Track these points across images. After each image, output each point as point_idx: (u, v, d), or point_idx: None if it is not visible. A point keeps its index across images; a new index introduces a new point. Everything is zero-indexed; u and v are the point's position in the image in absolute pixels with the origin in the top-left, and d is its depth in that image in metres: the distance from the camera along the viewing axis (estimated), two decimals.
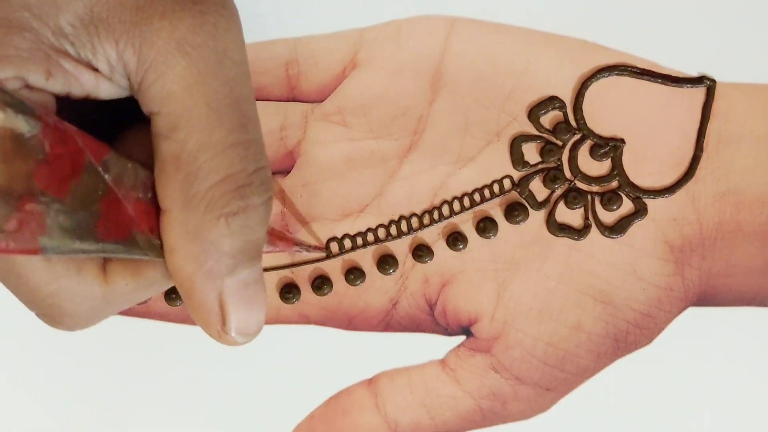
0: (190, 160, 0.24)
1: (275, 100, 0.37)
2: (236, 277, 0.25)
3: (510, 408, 0.35)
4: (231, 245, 0.24)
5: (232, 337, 0.25)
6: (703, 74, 0.35)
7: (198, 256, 0.24)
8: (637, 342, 0.35)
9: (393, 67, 0.35)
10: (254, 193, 0.24)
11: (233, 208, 0.24)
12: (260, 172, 0.25)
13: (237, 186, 0.24)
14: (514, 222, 0.35)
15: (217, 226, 0.24)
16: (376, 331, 0.36)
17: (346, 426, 0.35)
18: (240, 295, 0.25)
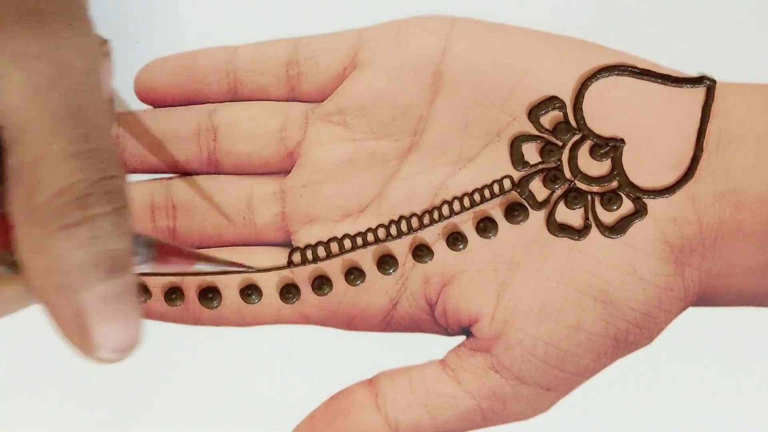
0: (29, 173, 0.23)
1: (275, 100, 0.37)
2: (92, 291, 0.23)
3: (510, 408, 0.35)
4: (79, 258, 0.23)
5: (100, 354, 0.24)
6: (703, 74, 0.35)
7: (46, 270, 0.23)
8: (637, 342, 0.35)
9: (393, 68, 0.35)
10: (97, 203, 0.23)
11: (73, 219, 0.23)
12: (104, 181, 0.24)
13: (76, 196, 0.23)
14: (514, 222, 0.35)
15: (58, 238, 0.23)
16: (376, 331, 0.36)
17: (346, 426, 0.35)
18: (100, 311, 0.24)
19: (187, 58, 0.37)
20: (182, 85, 0.37)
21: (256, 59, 0.37)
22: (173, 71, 0.37)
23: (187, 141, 0.37)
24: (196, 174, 0.37)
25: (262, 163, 0.37)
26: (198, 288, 0.36)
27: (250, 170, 0.37)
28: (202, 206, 0.36)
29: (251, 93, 0.37)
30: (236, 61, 0.37)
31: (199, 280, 0.36)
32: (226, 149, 0.37)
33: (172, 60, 0.37)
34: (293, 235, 0.36)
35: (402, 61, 0.35)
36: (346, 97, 0.36)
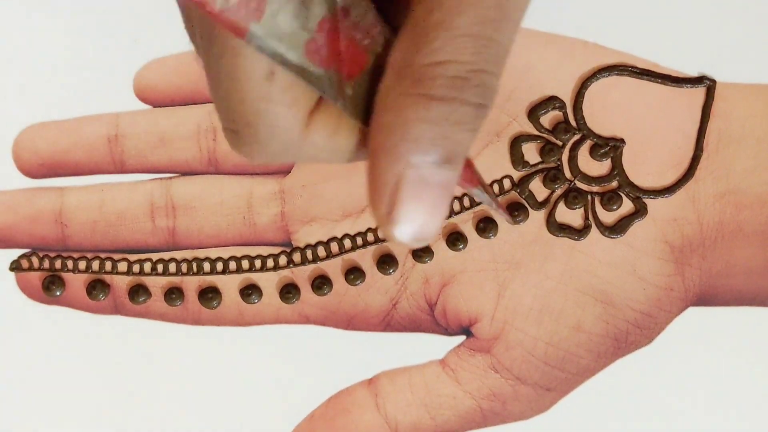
0: (425, 31, 0.22)
1: None
2: (418, 170, 0.22)
3: (510, 408, 0.35)
4: (426, 132, 0.22)
5: (392, 231, 0.23)
6: (703, 74, 0.35)
7: (389, 128, 0.22)
8: (637, 342, 0.35)
9: None
10: (468, 91, 0.22)
11: (440, 93, 0.22)
12: (484, 75, 0.22)
13: (454, 74, 0.22)
14: (514, 222, 0.35)
15: (418, 103, 0.22)
16: (376, 331, 0.36)
17: (346, 426, 0.35)
18: (419, 190, 0.22)
19: (186, 58, 0.37)
20: (182, 85, 0.37)
21: None
22: (173, 71, 0.37)
23: (186, 141, 0.37)
24: (196, 174, 0.37)
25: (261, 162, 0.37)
26: (198, 288, 0.36)
27: (249, 170, 0.37)
28: (202, 206, 0.36)
29: None
30: None
31: (199, 280, 0.36)
32: (225, 149, 0.37)
33: (171, 60, 0.37)
34: (293, 235, 0.36)
35: None
36: None
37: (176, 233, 0.36)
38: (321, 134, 0.23)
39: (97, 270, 0.36)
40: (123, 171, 0.37)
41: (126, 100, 0.37)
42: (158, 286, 0.36)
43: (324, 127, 0.23)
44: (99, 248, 0.36)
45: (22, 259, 0.36)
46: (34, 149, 0.36)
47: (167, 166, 0.37)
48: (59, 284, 0.36)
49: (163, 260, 0.36)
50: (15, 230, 0.36)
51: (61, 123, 0.37)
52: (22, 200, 0.36)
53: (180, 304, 0.36)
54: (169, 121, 0.37)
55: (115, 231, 0.36)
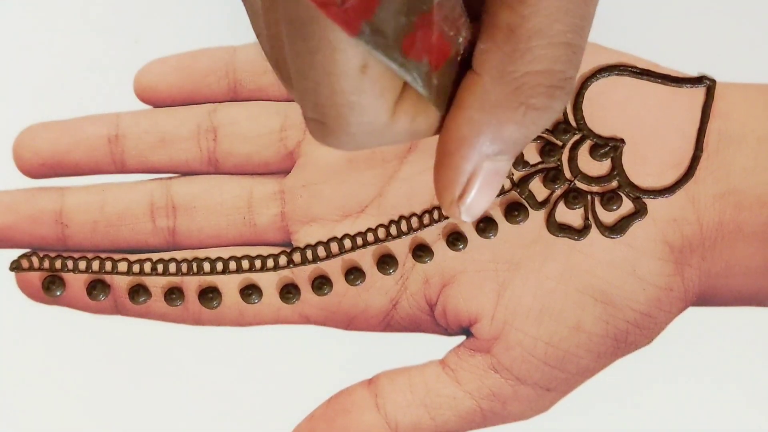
0: (523, 39, 0.23)
1: (275, 100, 0.37)
2: (496, 162, 0.25)
3: (510, 408, 0.35)
4: (512, 134, 0.24)
5: (458, 210, 0.26)
6: (703, 74, 0.35)
7: (481, 127, 0.24)
8: (637, 342, 0.35)
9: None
10: (559, 98, 0.24)
11: (540, 102, 0.24)
12: (571, 81, 0.24)
13: (551, 84, 0.24)
14: (514, 222, 0.35)
15: (515, 111, 0.24)
16: (376, 331, 0.36)
17: (346, 426, 0.35)
18: (488, 179, 0.25)
19: (187, 58, 0.37)
20: (182, 85, 0.37)
21: (256, 59, 0.37)
22: (173, 71, 0.37)
23: (187, 141, 0.37)
24: (196, 174, 0.37)
25: (262, 163, 0.37)
26: (198, 288, 0.36)
27: (250, 170, 0.37)
28: (202, 206, 0.36)
29: (251, 93, 0.37)
30: (236, 61, 0.37)
31: (199, 280, 0.36)
32: (226, 149, 0.37)
33: (172, 60, 0.37)
34: (293, 235, 0.36)
35: None
36: None
37: (176, 233, 0.36)
38: (405, 120, 0.25)
39: (98, 270, 0.36)
40: (123, 171, 0.37)
41: (126, 100, 0.37)
42: (158, 286, 0.36)
43: (406, 113, 0.25)
44: (99, 248, 0.36)
45: (23, 259, 0.36)
46: (34, 149, 0.36)
47: (167, 166, 0.37)
48: (59, 284, 0.36)
49: (163, 260, 0.36)
50: (15, 230, 0.36)
51: (62, 123, 0.37)
52: (22, 200, 0.36)
53: (180, 304, 0.36)
54: (170, 121, 0.37)
55: (116, 231, 0.36)
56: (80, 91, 0.50)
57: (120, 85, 0.38)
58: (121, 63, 0.40)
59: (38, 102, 0.52)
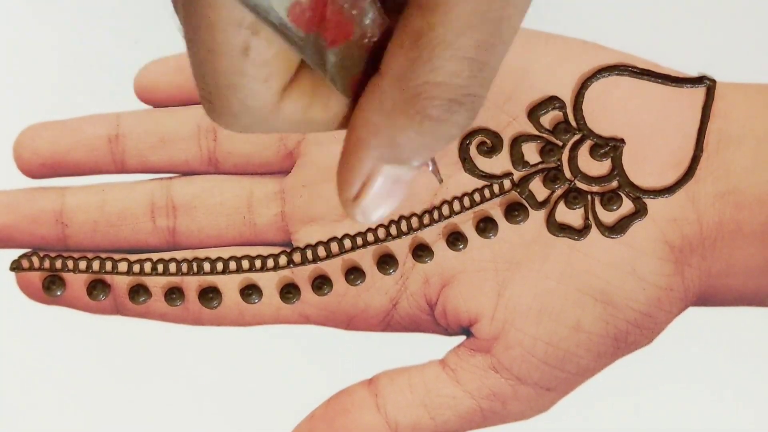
0: (428, 47, 0.23)
1: None
2: (395, 169, 0.25)
3: (510, 408, 0.35)
4: (408, 141, 0.24)
5: (353, 211, 0.26)
6: (703, 74, 0.35)
7: (377, 130, 0.24)
8: (637, 342, 0.35)
9: None
10: (460, 113, 0.24)
11: (436, 113, 0.24)
12: (476, 99, 0.24)
13: (451, 97, 0.24)
14: (514, 222, 0.35)
15: (412, 118, 0.24)
16: (376, 331, 0.36)
17: (346, 426, 0.35)
18: (385, 184, 0.25)
19: (187, 58, 0.37)
20: (182, 85, 0.37)
21: None
22: (173, 71, 0.37)
23: (187, 141, 0.37)
24: (196, 174, 0.37)
25: (262, 163, 0.37)
26: (198, 288, 0.36)
27: (250, 170, 0.37)
28: (202, 206, 0.36)
29: None
30: None
31: (199, 280, 0.36)
32: (226, 149, 0.37)
33: (172, 60, 0.37)
34: (293, 235, 0.36)
35: None
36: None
37: (176, 233, 0.36)
38: (294, 108, 0.24)
39: (98, 270, 0.36)
40: (123, 171, 0.37)
41: (127, 101, 0.37)
42: (158, 286, 0.36)
43: (297, 102, 0.24)
44: (99, 248, 0.36)
45: (23, 259, 0.36)
46: (34, 149, 0.36)
47: (168, 166, 0.37)
48: (59, 284, 0.36)
49: (163, 260, 0.36)
50: (15, 230, 0.36)
51: (62, 123, 0.37)
52: (22, 200, 0.36)
53: (180, 304, 0.36)
54: (170, 121, 0.37)
55: (116, 231, 0.36)
56: (80, 91, 0.51)
57: (120, 85, 0.38)
58: (121, 63, 0.40)
59: (38, 102, 0.52)
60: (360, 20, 0.24)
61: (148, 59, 0.37)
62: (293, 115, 0.24)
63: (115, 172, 0.37)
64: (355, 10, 0.24)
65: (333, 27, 0.23)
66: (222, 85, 0.23)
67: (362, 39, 0.24)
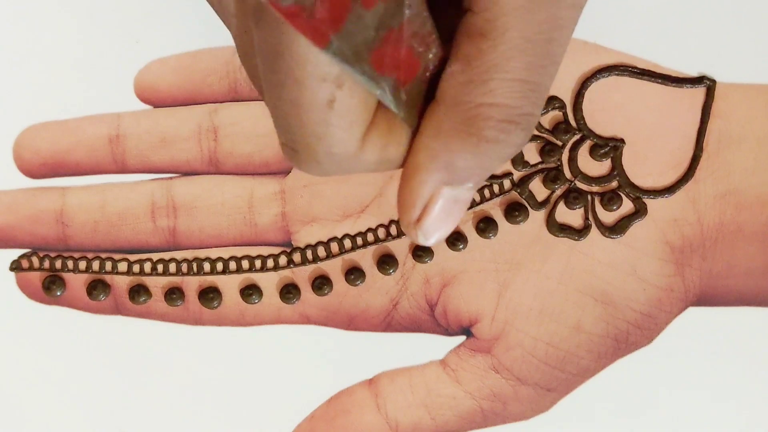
0: (479, 71, 0.24)
1: None
2: (454, 190, 0.25)
3: (511, 408, 0.35)
4: (466, 163, 0.25)
5: (415, 234, 0.26)
6: (703, 74, 0.35)
7: (436, 154, 0.25)
8: (637, 342, 0.35)
9: None
10: (515, 133, 0.24)
11: (492, 134, 0.24)
12: (531, 118, 0.25)
13: (504, 118, 0.24)
14: (514, 222, 0.35)
15: (468, 141, 0.24)
16: (376, 331, 0.36)
17: (346, 426, 0.35)
18: (446, 206, 0.26)
19: (187, 58, 0.37)
20: (182, 85, 0.37)
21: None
22: (173, 71, 0.37)
23: (187, 141, 0.37)
24: (197, 174, 0.37)
25: (262, 163, 0.37)
26: (198, 288, 0.36)
27: (250, 170, 0.37)
28: (202, 206, 0.36)
29: (252, 93, 0.37)
30: (236, 61, 0.37)
31: (200, 280, 0.36)
32: (226, 149, 0.37)
33: (172, 60, 0.37)
34: (293, 235, 0.36)
35: None
36: None
37: (177, 233, 0.36)
38: (372, 151, 0.25)
39: (98, 270, 0.36)
40: (124, 171, 0.37)
41: (127, 101, 0.37)
42: (159, 286, 0.36)
43: (376, 144, 0.25)
44: (100, 248, 0.36)
45: (23, 259, 0.36)
46: (35, 149, 0.36)
47: (168, 166, 0.37)
48: (59, 284, 0.36)
49: (163, 260, 0.36)
50: (16, 230, 0.36)
51: (62, 123, 0.37)
52: (22, 200, 0.36)
53: (180, 304, 0.36)
54: (171, 121, 0.37)
55: (116, 231, 0.36)
56: (80, 91, 0.50)
57: (120, 85, 0.39)
58: (121, 63, 0.40)
59: (38, 102, 0.52)
60: (425, 56, 0.24)
61: (148, 59, 0.37)
62: (373, 156, 0.25)
63: (116, 172, 0.37)
64: (423, 47, 0.24)
65: (405, 67, 0.24)
66: (308, 135, 0.24)
67: (425, 72, 0.25)
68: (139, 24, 0.48)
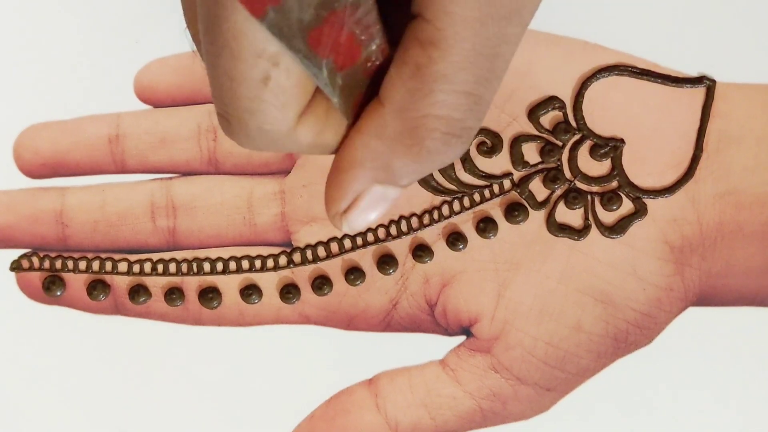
0: (428, 80, 0.24)
1: None
2: (384, 189, 0.26)
3: (510, 408, 0.35)
4: (403, 168, 0.25)
5: (341, 223, 0.27)
6: (703, 74, 0.35)
7: (375, 155, 0.25)
8: (637, 342, 0.35)
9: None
10: (456, 146, 0.25)
11: (434, 146, 0.25)
12: (471, 131, 0.25)
13: (448, 131, 0.24)
14: (514, 222, 0.35)
15: (410, 149, 0.25)
16: (376, 331, 0.36)
17: (346, 426, 0.35)
18: (373, 201, 0.26)
19: (187, 58, 0.37)
20: (182, 85, 0.37)
21: None
22: (173, 71, 0.37)
23: (187, 141, 0.37)
24: (196, 174, 0.37)
25: (262, 163, 0.37)
26: (198, 288, 0.36)
27: (250, 170, 0.37)
28: (202, 206, 0.36)
29: None
30: None
31: (199, 281, 0.36)
32: (226, 149, 0.37)
33: (172, 60, 0.37)
34: (293, 235, 0.36)
35: None
36: None
37: (176, 233, 0.36)
38: (308, 133, 0.25)
39: (98, 270, 0.36)
40: (124, 171, 0.37)
41: (127, 101, 0.37)
42: (158, 286, 0.36)
43: (311, 128, 0.25)
44: (99, 248, 0.36)
45: (23, 259, 0.36)
46: (35, 149, 0.37)
47: (168, 166, 0.37)
48: (59, 284, 0.36)
49: (163, 260, 0.36)
50: (16, 230, 0.36)
51: (62, 123, 0.37)
52: (22, 200, 0.36)
53: (180, 304, 0.36)
54: (170, 121, 0.37)
55: (116, 231, 0.36)
56: (80, 91, 0.50)
57: (120, 85, 0.39)
58: (121, 63, 0.40)
59: (38, 102, 0.52)
60: (367, 45, 0.24)
61: (148, 59, 0.37)
62: (307, 138, 0.25)
63: (116, 172, 0.37)
64: (365, 35, 0.24)
65: (344, 52, 0.24)
66: (240, 108, 0.24)
67: (366, 63, 0.25)
68: (139, 24, 0.48)
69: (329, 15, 0.23)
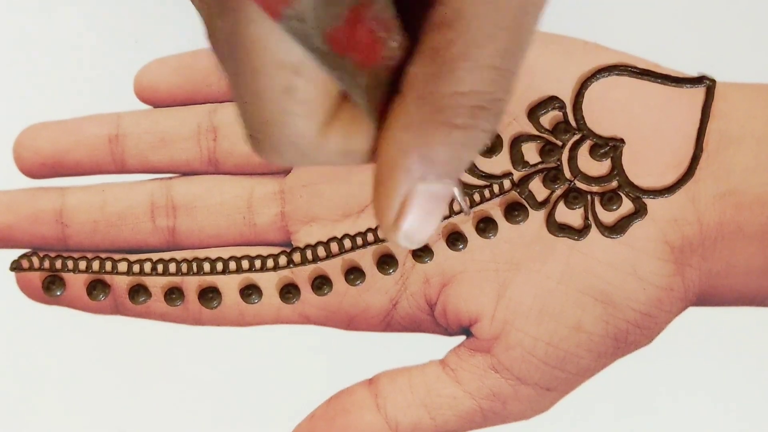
0: (448, 61, 0.23)
1: None
2: (429, 186, 0.24)
3: (510, 408, 0.35)
4: (440, 154, 0.24)
5: (396, 236, 0.25)
6: (703, 74, 0.35)
7: (407, 147, 0.24)
8: (637, 342, 0.35)
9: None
10: (484, 120, 0.24)
11: (461, 121, 0.24)
12: (499, 102, 0.24)
13: (475, 104, 0.24)
14: (514, 222, 0.35)
15: (439, 130, 0.24)
16: (376, 331, 0.36)
17: (346, 426, 0.35)
18: (424, 203, 0.25)
19: (187, 58, 0.37)
20: (182, 85, 0.37)
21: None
22: (173, 71, 0.37)
23: (187, 141, 0.37)
24: (196, 174, 0.37)
25: (261, 162, 0.37)
26: (198, 288, 0.36)
27: (250, 170, 0.37)
28: (202, 206, 0.36)
29: None
30: None
31: (199, 280, 0.36)
32: (226, 149, 0.37)
33: (172, 60, 0.37)
34: (293, 235, 0.36)
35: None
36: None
37: (176, 233, 0.36)
38: (335, 142, 0.25)
39: (98, 270, 0.36)
40: (124, 171, 0.37)
41: (127, 100, 0.37)
42: (158, 286, 0.36)
43: (338, 134, 0.25)
44: (99, 248, 0.36)
45: (23, 259, 0.36)
46: (34, 149, 0.37)
47: (168, 166, 0.37)
48: (59, 284, 0.36)
49: (163, 260, 0.36)
50: (15, 230, 0.36)
51: (62, 123, 0.37)
52: (22, 200, 0.36)
53: (180, 304, 0.36)
54: (170, 121, 0.37)
55: (116, 231, 0.36)
56: (80, 91, 0.51)
57: (120, 85, 0.39)
58: (121, 63, 0.40)
59: (38, 102, 0.52)
60: (386, 41, 0.24)
61: (148, 59, 0.37)
62: (336, 146, 0.25)
63: (116, 172, 0.37)
64: (383, 32, 0.24)
65: (363, 49, 0.24)
66: (267, 123, 0.24)
67: (388, 60, 0.24)
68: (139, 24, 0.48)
69: (346, 12, 0.23)
